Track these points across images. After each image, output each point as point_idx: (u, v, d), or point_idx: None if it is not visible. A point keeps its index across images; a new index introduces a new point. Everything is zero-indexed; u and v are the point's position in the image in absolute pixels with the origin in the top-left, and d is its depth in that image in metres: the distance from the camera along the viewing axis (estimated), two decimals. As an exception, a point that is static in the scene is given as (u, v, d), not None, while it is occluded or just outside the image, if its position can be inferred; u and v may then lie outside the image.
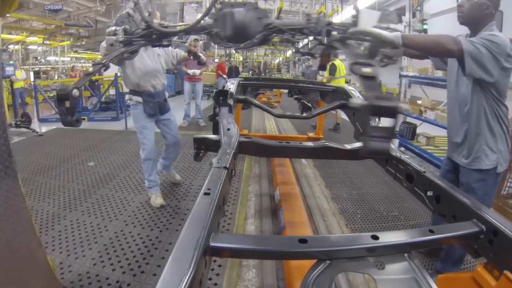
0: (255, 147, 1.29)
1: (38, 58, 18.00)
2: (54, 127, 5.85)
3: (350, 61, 1.07)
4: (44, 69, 17.72)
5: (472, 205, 0.84)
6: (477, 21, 1.39)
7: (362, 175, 3.41)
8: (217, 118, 1.63)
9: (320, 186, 3.04)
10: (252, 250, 0.68)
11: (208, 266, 0.66)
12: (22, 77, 7.97)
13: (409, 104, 4.40)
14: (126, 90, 7.32)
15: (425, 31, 7.96)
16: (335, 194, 2.89)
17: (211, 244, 0.64)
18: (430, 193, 0.99)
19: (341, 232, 2.21)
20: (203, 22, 1.36)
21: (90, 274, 1.74)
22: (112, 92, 7.29)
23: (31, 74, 16.12)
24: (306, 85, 2.76)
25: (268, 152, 1.37)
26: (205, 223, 0.66)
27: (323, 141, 1.36)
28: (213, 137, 1.29)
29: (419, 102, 4.30)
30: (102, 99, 7.44)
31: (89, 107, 7.44)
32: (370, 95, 0.83)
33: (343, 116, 4.85)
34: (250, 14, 1.32)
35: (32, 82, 7.64)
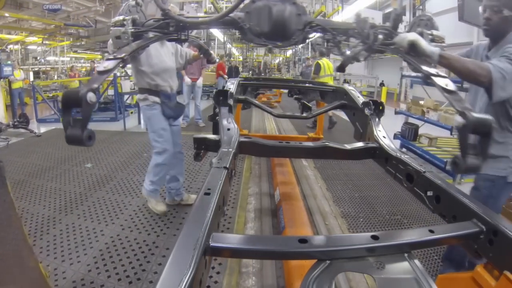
0: (255, 147, 1.29)
1: (38, 58, 18.00)
2: (52, 128, 5.83)
3: (422, 72, 1.05)
4: (43, 69, 17.71)
5: (472, 205, 0.84)
6: (503, 33, 1.37)
7: (364, 177, 3.38)
8: (217, 118, 1.63)
9: (321, 188, 3.01)
10: (252, 250, 0.68)
11: (208, 266, 0.66)
12: (20, 77, 7.94)
13: (411, 104, 4.38)
14: (125, 90, 7.30)
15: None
16: (337, 196, 2.86)
17: (211, 244, 0.64)
18: (430, 193, 0.99)
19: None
20: (232, 15, 1.22)
21: (85, 281, 1.70)
22: (110, 92, 7.25)
23: (31, 74, 16.11)
24: (306, 85, 2.76)
25: (268, 152, 1.36)
26: (205, 223, 0.66)
27: (323, 141, 1.36)
28: (213, 137, 1.29)
29: (421, 102, 4.27)
30: (101, 99, 7.43)
31: None
32: (467, 110, 0.82)
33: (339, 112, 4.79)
34: (290, 9, 1.21)
35: (31, 82, 7.59)
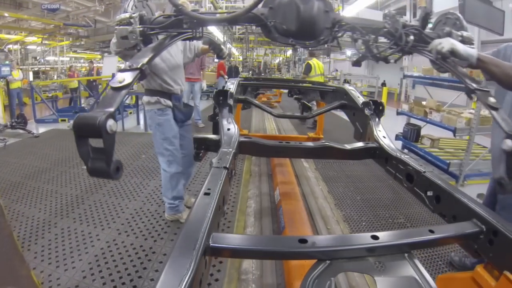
0: (255, 147, 1.29)
1: (37, 58, 17.98)
2: (50, 128, 5.79)
3: (466, 85, 1.00)
4: (43, 69, 17.70)
5: (472, 205, 0.84)
6: None
7: (366, 179, 3.31)
8: (217, 118, 1.63)
9: (322, 191, 2.93)
10: (252, 250, 0.69)
11: (208, 266, 0.66)
12: (19, 77, 7.90)
13: (413, 105, 4.30)
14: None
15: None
16: (338, 199, 2.79)
17: (211, 244, 0.64)
18: (430, 193, 0.99)
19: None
20: (255, 11, 1.12)
21: (79, 288, 1.63)
22: None
23: (30, 74, 16.08)
24: (306, 85, 2.77)
25: (268, 152, 1.37)
26: (205, 223, 0.66)
27: (323, 141, 1.36)
28: (213, 137, 1.29)
29: (424, 103, 4.21)
30: (100, 100, 7.40)
31: (86, 108, 7.41)
32: None
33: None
34: (318, 5, 1.12)
35: (29, 83, 7.55)
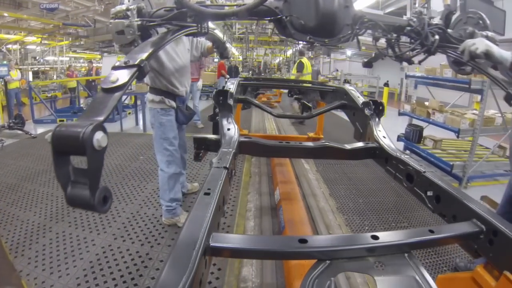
0: (255, 147, 1.29)
1: (37, 58, 17.97)
2: (48, 129, 5.79)
3: (505, 90, 0.96)
4: (42, 69, 17.70)
5: (472, 205, 0.84)
6: None
7: (368, 181, 3.28)
8: (217, 118, 1.63)
9: (324, 194, 2.88)
10: (252, 250, 0.68)
11: (208, 266, 0.66)
12: (17, 77, 7.87)
13: (415, 105, 4.27)
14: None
15: None
16: (340, 203, 2.74)
17: (211, 244, 0.64)
18: (430, 193, 0.99)
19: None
20: (267, 3, 1.03)
21: (73, 296, 1.60)
22: None
23: (30, 74, 16.08)
24: (306, 85, 2.77)
25: (268, 152, 1.37)
26: (205, 223, 0.66)
27: (323, 141, 1.36)
28: (213, 137, 1.29)
29: (426, 103, 4.19)
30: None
31: (84, 108, 7.41)
32: None
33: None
34: (337, 0, 1.03)
35: (27, 83, 7.51)
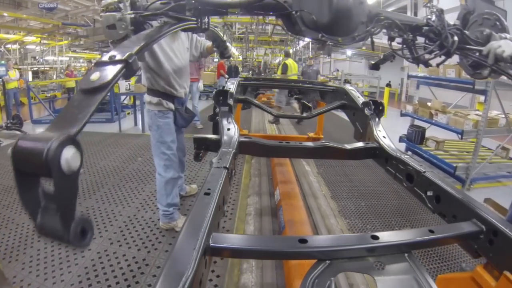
0: (255, 147, 1.29)
1: (36, 57, 17.96)
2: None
3: None
4: (42, 69, 17.69)
5: (472, 205, 0.84)
6: None
7: (370, 184, 3.23)
8: (217, 118, 1.63)
9: (325, 197, 2.83)
10: (252, 250, 0.68)
11: (208, 266, 0.66)
12: (15, 77, 7.82)
13: (417, 106, 4.24)
14: (122, 90, 7.20)
15: None
16: (342, 206, 2.69)
17: (211, 244, 0.64)
18: (430, 193, 0.99)
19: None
20: None
21: (68, 304, 1.54)
22: None
23: (29, 74, 16.07)
24: (306, 85, 2.77)
25: (268, 152, 1.36)
26: (205, 223, 0.66)
27: (323, 141, 1.36)
28: (213, 137, 1.29)
29: (429, 104, 4.15)
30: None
31: None
32: None
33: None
34: None
35: (25, 83, 7.46)
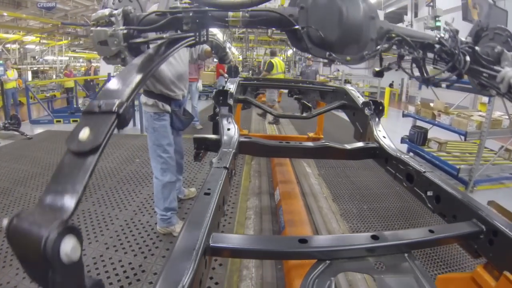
0: (255, 147, 1.29)
1: (36, 57, 17.95)
2: (44, 130, 5.73)
3: None
4: (42, 68, 17.68)
5: (472, 205, 0.84)
6: None
7: (373, 186, 3.18)
8: (217, 118, 1.63)
9: (327, 199, 2.78)
10: (252, 250, 0.69)
11: (208, 266, 0.66)
12: (14, 77, 7.79)
13: (420, 107, 4.21)
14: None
15: (438, 29, 7.57)
16: (344, 209, 2.64)
17: (211, 244, 0.64)
18: (430, 193, 0.99)
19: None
20: (279, 10, 0.89)
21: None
22: None
23: (29, 73, 16.04)
24: (306, 85, 2.77)
25: (268, 152, 1.36)
26: (205, 223, 0.65)
27: (323, 141, 1.36)
28: (213, 137, 1.29)
29: (432, 105, 4.13)
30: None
31: (82, 108, 7.37)
32: None
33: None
34: (363, 9, 0.89)
35: (24, 83, 7.45)
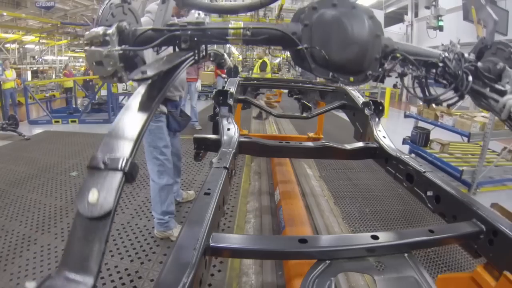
0: (255, 147, 1.29)
1: (35, 57, 17.94)
2: (43, 130, 5.73)
3: None
4: (41, 68, 17.67)
5: (472, 205, 0.84)
6: None
7: (375, 189, 3.18)
8: (217, 118, 1.63)
9: (328, 202, 2.75)
10: (252, 250, 0.69)
11: (208, 266, 0.66)
12: (12, 77, 7.74)
13: (422, 108, 4.19)
14: (120, 90, 7.17)
15: (440, 28, 7.48)
16: (346, 212, 2.62)
17: (211, 244, 0.64)
18: (430, 193, 0.99)
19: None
20: (281, 27, 0.85)
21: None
22: (103, 92, 7.09)
23: (29, 73, 16.03)
24: (306, 85, 2.77)
25: (268, 152, 1.36)
26: (205, 223, 0.65)
27: (323, 141, 1.36)
28: (213, 137, 1.29)
29: (434, 105, 4.17)
30: (94, 100, 7.32)
31: (80, 108, 7.33)
32: None
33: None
34: (369, 26, 0.86)
35: (22, 83, 7.42)
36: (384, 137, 1.37)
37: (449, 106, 1.03)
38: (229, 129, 1.29)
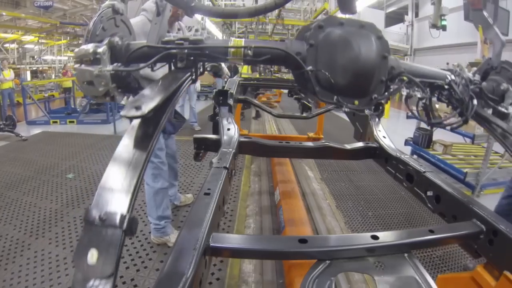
0: (255, 147, 1.29)
1: (35, 57, 17.92)
2: (41, 131, 5.72)
3: None
4: (41, 68, 17.66)
5: (472, 205, 0.84)
6: None
7: (377, 191, 3.14)
8: (217, 118, 1.63)
9: (330, 206, 2.71)
10: (252, 250, 0.69)
11: (208, 266, 0.66)
12: (10, 77, 7.70)
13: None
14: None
15: (443, 28, 7.48)
16: (349, 216, 2.58)
17: (211, 244, 0.64)
18: (430, 193, 0.99)
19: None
20: (285, 47, 0.81)
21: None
22: None
23: (28, 73, 16.01)
24: None
25: (268, 152, 1.36)
26: (205, 223, 0.65)
27: (323, 141, 1.36)
28: (213, 137, 1.29)
29: (437, 106, 4.15)
30: (93, 101, 7.34)
31: (78, 109, 7.30)
32: None
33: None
34: (376, 47, 0.82)
35: (20, 83, 7.39)
36: (384, 137, 1.37)
37: (452, 130, 1.01)
38: (229, 129, 1.29)
